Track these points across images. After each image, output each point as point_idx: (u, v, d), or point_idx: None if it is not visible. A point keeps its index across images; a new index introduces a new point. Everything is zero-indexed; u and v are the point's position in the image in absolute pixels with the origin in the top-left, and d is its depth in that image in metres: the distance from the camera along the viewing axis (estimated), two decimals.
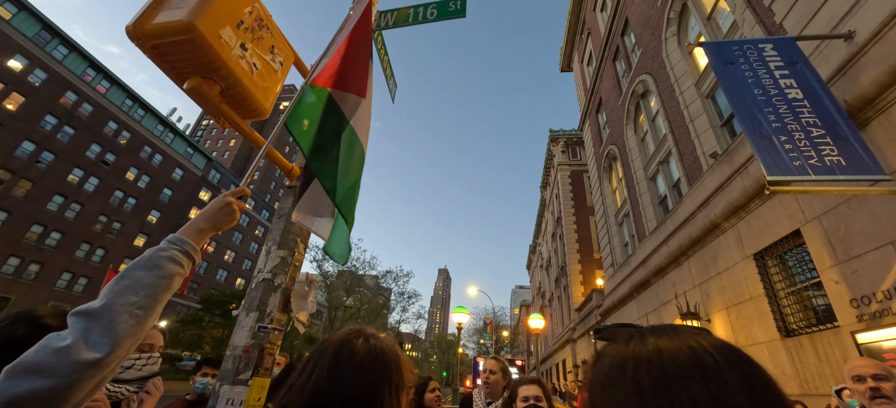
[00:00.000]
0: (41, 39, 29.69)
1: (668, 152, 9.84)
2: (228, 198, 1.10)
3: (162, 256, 0.87)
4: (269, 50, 1.27)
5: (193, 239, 0.96)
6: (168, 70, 1.07)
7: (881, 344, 3.92)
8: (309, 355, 0.87)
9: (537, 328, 12.36)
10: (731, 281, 6.48)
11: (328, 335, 0.91)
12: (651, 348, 0.45)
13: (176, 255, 0.90)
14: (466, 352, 45.63)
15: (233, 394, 1.19)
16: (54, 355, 0.64)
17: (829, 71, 4.62)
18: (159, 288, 0.83)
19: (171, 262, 0.87)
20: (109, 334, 0.71)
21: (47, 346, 0.65)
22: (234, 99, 1.16)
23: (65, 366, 0.64)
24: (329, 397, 0.77)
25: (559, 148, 27.45)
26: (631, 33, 12.38)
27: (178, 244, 0.92)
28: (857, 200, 4.25)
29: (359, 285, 38.10)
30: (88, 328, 0.70)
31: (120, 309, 0.74)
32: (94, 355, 0.67)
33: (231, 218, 1.09)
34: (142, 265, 0.84)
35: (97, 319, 0.72)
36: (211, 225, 1.04)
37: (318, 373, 0.80)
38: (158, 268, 0.85)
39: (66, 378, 0.63)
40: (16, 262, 27.65)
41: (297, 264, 1.54)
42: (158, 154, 38.97)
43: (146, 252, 0.87)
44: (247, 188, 1.18)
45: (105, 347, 0.69)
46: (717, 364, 0.41)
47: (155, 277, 0.83)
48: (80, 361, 0.65)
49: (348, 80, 1.91)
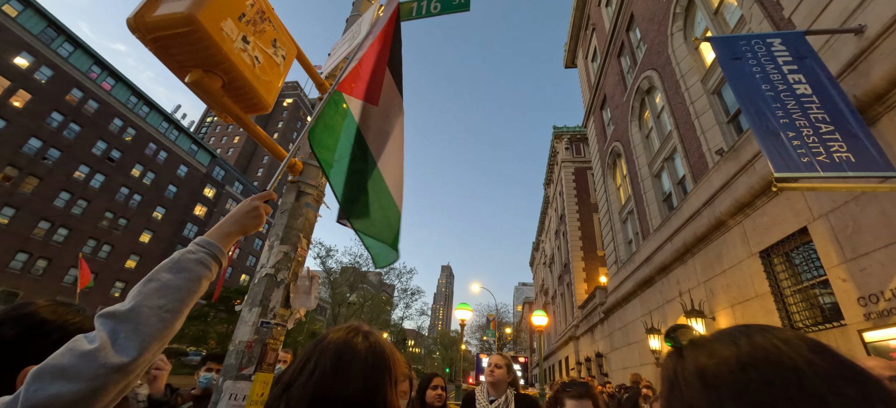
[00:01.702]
0: (46, 37, 29.89)
1: (673, 149, 9.76)
2: (256, 202, 1.09)
3: (190, 259, 0.86)
4: (271, 43, 1.26)
5: (221, 242, 0.96)
6: (170, 63, 1.06)
7: (889, 343, 3.87)
8: (306, 353, 0.87)
9: (540, 325, 12.35)
10: (736, 279, 6.43)
11: (324, 332, 0.92)
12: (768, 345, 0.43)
13: (204, 258, 0.89)
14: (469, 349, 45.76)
15: (236, 389, 1.19)
16: (81, 358, 0.63)
17: (838, 66, 4.55)
18: (187, 291, 0.82)
19: (199, 265, 0.87)
20: (137, 338, 0.69)
21: (75, 349, 0.64)
22: (236, 93, 1.15)
23: (91, 370, 0.62)
24: (335, 394, 0.78)
25: (563, 145, 27.33)
26: (636, 29, 12.25)
27: (205, 247, 0.91)
28: (866, 197, 4.19)
29: (362, 282, 38.26)
30: (116, 331, 0.69)
31: (148, 312, 0.73)
32: (121, 359, 0.66)
33: (258, 222, 1.08)
34: (169, 267, 0.83)
35: (125, 321, 0.71)
36: (238, 228, 1.04)
37: (320, 371, 0.81)
38: (187, 271, 0.84)
39: (92, 383, 0.62)
40: (24, 258, 28.01)
41: (300, 260, 1.54)
42: (163, 151, 39.21)
43: (174, 254, 0.86)
44: (274, 193, 1.17)
45: (133, 350, 0.68)
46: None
47: (183, 279, 0.82)
48: (107, 365, 0.64)
49: (374, 91, 1.88)
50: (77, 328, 0.84)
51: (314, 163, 1.70)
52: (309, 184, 1.65)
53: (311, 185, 1.66)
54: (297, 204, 1.61)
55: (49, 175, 29.45)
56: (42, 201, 29.00)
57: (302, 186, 1.64)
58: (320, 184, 1.72)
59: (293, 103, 74.41)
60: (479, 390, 2.66)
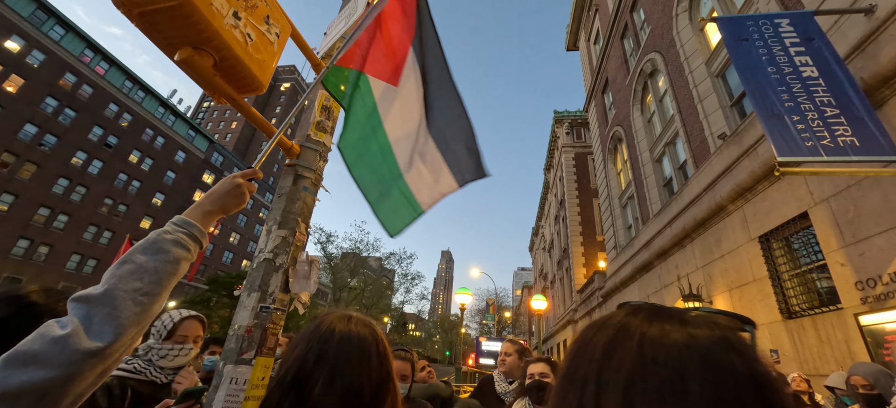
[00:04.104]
0: (37, 19, 29.21)
1: (675, 133, 9.67)
2: (238, 179, 1.04)
3: (166, 240, 0.82)
4: (264, 20, 1.21)
5: (200, 222, 0.92)
6: (158, 40, 1.02)
7: (884, 326, 3.92)
8: (310, 344, 0.84)
9: (539, 309, 12.50)
10: (734, 263, 6.46)
11: (327, 323, 0.89)
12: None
13: (181, 238, 0.85)
14: (469, 332, 46.51)
15: (236, 373, 1.20)
16: (53, 344, 0.60)
17: (846, 48, 4.45)
18: (164, 274, 0.78)
19: (176, 245, 0.83)
20: (112, 322, 0.67)
21: (46, 334, 0.61)
22: (228, 72, 1.11)
23: (64, 356, 0.60)
24: (359, 387, 0.81)
25: (564, 130, 27.09)
26: (640, 9, 11.97)
27: (183, 227, 0.87)
28: (869, 181, 4.17)
29: (363, 267, 38.56)
30: (90, 316, 0.66)
31: (123, 295, 0.70)
32: (95, 344, 0.63)
33: (240, 200, 1.04)
34: (145, 249, 0.79)
35: (99, 305, 0.68)
36: (219, 207, 0.99)
37: (345, 366, 0.81)
38: (163, 252, 0.80)
39: (65, 368, 0.59)
40: (25, 244, 28.10)
41: (299, 244, 1.52)
42: (160, 137, 38.89)
43: (150, 235, 0.83)
44: (259, 171, 1.12)
45: (108, 335, 0.65)
46: None
47: (159, 261, 0.78)
48: (80, 350, 0.61)
49: (381, 64, 1.87)
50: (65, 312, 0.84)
51: (311, 146, 1.67)
52: (306, 167, 1.62)
53: (309, 168, 1.63)
54: (295, 188, 1.58)
55: (46, 161, 29.27)
56: (41, 188, 28.91)
57: (299, 169, 1.61)
58: (318, 167, 1.69)
59: (291, 88, 73.42)
60: (497, 374, 2.68)
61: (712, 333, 0.40)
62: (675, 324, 0.42)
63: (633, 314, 0.45)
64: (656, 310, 0.46)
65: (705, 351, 0.38)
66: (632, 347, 0.41)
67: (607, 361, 0.41)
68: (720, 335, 0.40)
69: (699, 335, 0.40)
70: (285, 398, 0.79)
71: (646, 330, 0.42)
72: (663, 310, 0.46)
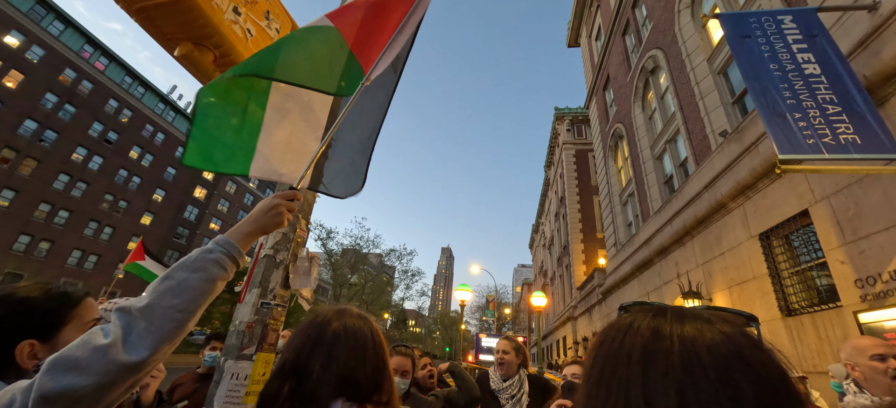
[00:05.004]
0: (36, 14, 29.11)
1: (676, 131, 9.64)
2: (277, 199, 1.05)
3: (208, 259, 0.85)
4: (264, 15, 1.20)
5: (240, 242, 0.93)
6: (158, 36, 1.01)
7: (883, 324, 3.92)
8: (307, 338, 0.88)
9: (539, 306, 12.54)
10: (734, 261, 6.47)
11: (323, 316, 0.93)
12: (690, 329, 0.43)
13: (221, 258, 0.87)
14: (469, 328, 46.66)
15: (237, 369, 1.20)
16: (94, 352, 0.63)
17: (849, 45, 4.43)
18: (202, 292, 0.80)
19: (215, 265, 0.85)
20: (149, 338, 0.69)
21: (89, 342, 0.64)
22: (228, 67, 1.11)
23: (102, 365, 0.63)
24: (355, 377, 0.84)
25: (564, 127, 27.03)
26: (642, 6, 11.90)
27: (224, 247, 0.89)
28: (870, 179, 4.16)
29: (363, 263, 38.61)
30: (129, 328, 0.69)
31: (161, 312, 0.73)
32: (131, 357, 0.66)
33: (279, 220, 1.05)
34: (187, 266, 0.82)
35: (138, 319, 0.70)
36: (258, 228, 1.01)
37: (340, 356, 0.85)
38: (202, 270, 0.82)
39: (101, 378, 0.62)
40: (26, 240, 28.17)
41: (299, 241, 1.52)
42: (160, 133, 38.85)
43: (193, 252, 0.85)
44: (299, 193, 1.12)
45: (144, 350, 0.68)
46: None
47: (198, 280, 0.81)
48: (117, 362, 0.64)
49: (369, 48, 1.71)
50: (59, 302, 0.89)
51: None
52: None
53: None
54: None
55: (47, 157, 29.27)
56: (41, 184, 28.94)
57: None
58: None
59: None
60: (493, 370, 2.67)
61: (736, 329, 0.41)
62: (703, 322, 0.43)
63: (661, 315, 0.46)
64: (680, 311, 0.46)
65: (740, 348, 0.39)
66: (673, 349, 0.41)
67: (649, 365, 0.41)
68: (742, 332, 0.41)
69: (729, 333, 0.41)
70: (284, 386, 0.82)
71: (681, 332, 0.42)
72: (684, 310, 0.46)
